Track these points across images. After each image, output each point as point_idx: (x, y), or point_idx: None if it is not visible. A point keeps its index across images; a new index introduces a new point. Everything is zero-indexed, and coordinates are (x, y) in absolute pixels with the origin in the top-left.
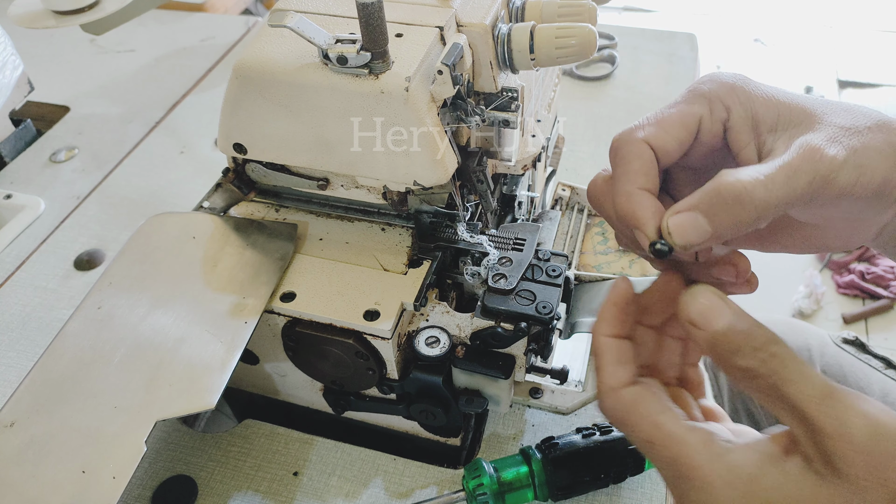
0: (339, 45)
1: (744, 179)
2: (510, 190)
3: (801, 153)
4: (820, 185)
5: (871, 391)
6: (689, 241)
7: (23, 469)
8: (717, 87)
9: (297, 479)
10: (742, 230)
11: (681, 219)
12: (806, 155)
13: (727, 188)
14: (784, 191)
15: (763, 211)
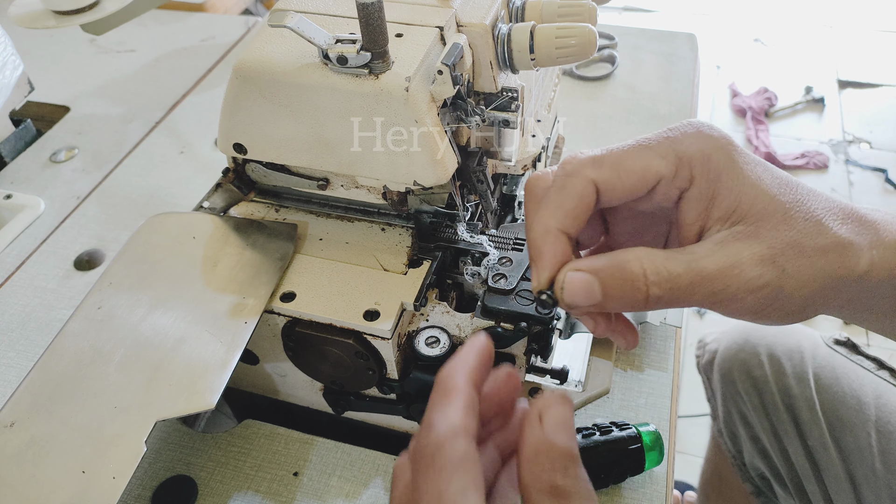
0: (339, 45)
1: (647, 270)
2: (510, 190)
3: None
4: (725, 299)
5: (864, 392)
6: (576, 303)
7: (23, 469)
8: (695, 153)
9: (297, 479)
10: (630, 311)
11: (578, 278)
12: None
13: (629, 271)
14: (681, 295)
15: (654, 305)
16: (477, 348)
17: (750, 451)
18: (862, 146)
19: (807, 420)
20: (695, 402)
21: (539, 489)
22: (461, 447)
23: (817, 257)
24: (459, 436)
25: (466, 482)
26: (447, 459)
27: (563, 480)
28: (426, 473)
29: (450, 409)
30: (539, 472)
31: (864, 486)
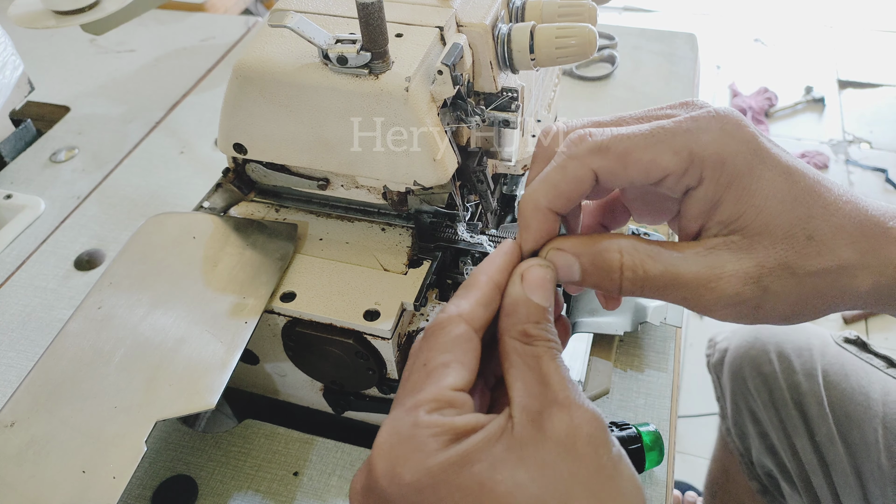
0: (339, 45)
1: (625, 264)
2: (510, 190)
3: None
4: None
5: (873, 390)
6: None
7: (23, 469)
8: (710, 154)
9: (297, 479)
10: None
11: (560, 257)
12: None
13: (608, 261)
14: (655, 293)
15: (628, 294)
16: (503, 250)
17: (758, 448)
18: (862, 146)
19: (815, 415)
20: (695, 402)
21: (512, 335)
22: (458, 329)
23: (808, 279)
24: (461, 320)
25: (451, 357)
26: (443, 336)
27: (533, 329)
28: (424, 344)
29: (462, 300)
30: (514, 321)
31: (870, 482)
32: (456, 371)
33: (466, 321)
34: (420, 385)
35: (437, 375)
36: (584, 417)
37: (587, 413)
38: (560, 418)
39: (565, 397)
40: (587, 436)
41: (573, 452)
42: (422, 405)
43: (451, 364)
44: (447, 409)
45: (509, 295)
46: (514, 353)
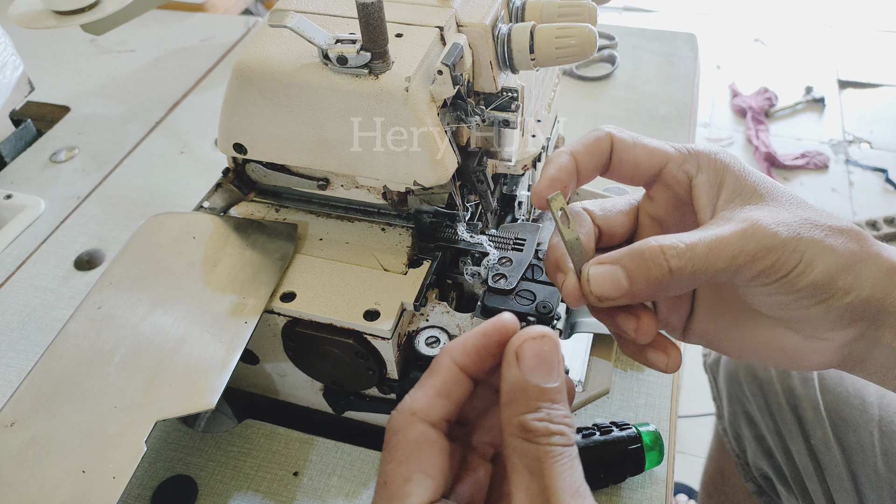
0: (339, 45)
1: (664, 245)
2: (510, 190)
3: (739, 228)
4: (745, 262)
5: (868, 392)
6: (605, 294)
7: (23, 469)
8: (702, 150)
9: (297, 479)
10: (658, 292)
11: (602, 269)
12: (742, 230)
13: (648, 251)
14: (702, 262)
15: (679, 279)
16: (483, 329)
17: (754, 451)
18: (862, 146)
19: (810, 419)
20: (695, 402)
21: (510, 431)
22: (414, 433)
23: (833, 234)
24: (415, 420)
25: (412, 469)
26: (398, 445)
27: (534, 422)
28: (384, 455)
29: (418, 392)
30: (512, 412)
31: (866, 486)
32: (419, 485)
33: (422, 419)
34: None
35: (400, 496)
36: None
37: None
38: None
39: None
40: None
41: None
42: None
43: (412, 478)
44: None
45: (505, 380)
46: (515, 454)
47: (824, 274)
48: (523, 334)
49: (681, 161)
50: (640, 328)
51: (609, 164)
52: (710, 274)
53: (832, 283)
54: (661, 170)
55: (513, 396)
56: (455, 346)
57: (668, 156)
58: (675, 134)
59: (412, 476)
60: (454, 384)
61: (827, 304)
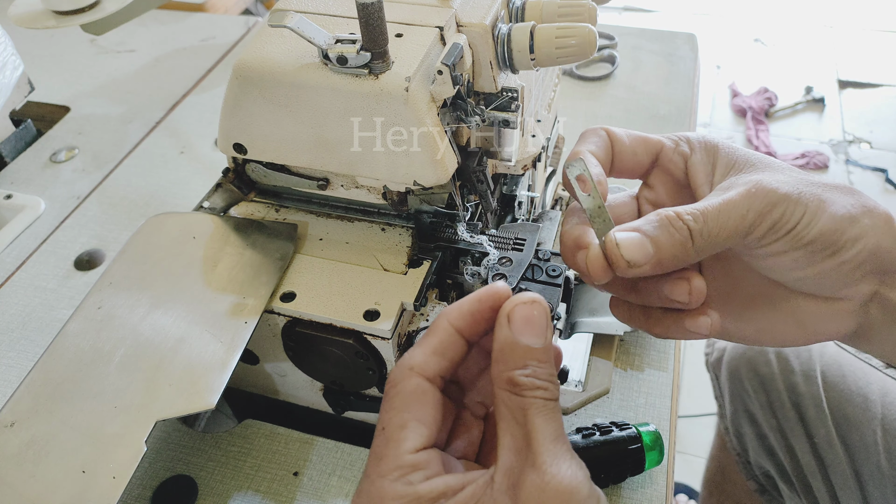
0: (339, 45)
1: (679, 210)
2: (510, 190)
3: (743, 189)
4: (755, 219)
5: (870, 390)
6: (635, 259)
7: (23, 469)
8: (689, 135)
9: (297, 479)
10: (679, 259)
11: (628, 236)
12: (746, 191)
13: (666, 216)
14: (716, 224)
15: (699, 242)
16: (478, 294)
17: (756, 450)
18: (862, 146)
19: (813, 417)
20: (695, 401)
21: (499, 385)
22: (411, 385)
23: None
24: (413, 374)
25: (407, 417)
26: (397, 395)
27: (521, 377)
28: (383, 405)
29: (416, 348)
30: (502, 368)
31: (869, 484)
32: (414, 431)
33: (419, 373)
34: (381, 452)
35: (396, 440)
36: (557, 489)
37: (561, 483)
38: (531, 487)
39: (542, 461)
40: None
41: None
42: (385, 475)
43: (408, 424)
44: (413, 474)
45: (496, 339)
46: (503, 405)
47: (830, 223)
48: (515, 299)
49: (674, 145)
50: (694, 289)
51: (612, 160)
52: (725, 236)
53: (840, 234)
54: (657, 157)
55: (503, 354)
56: (452, 309)
57: (661, 142)
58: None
59: (408, 423)
60: (450, 344)
61: (838, 257)
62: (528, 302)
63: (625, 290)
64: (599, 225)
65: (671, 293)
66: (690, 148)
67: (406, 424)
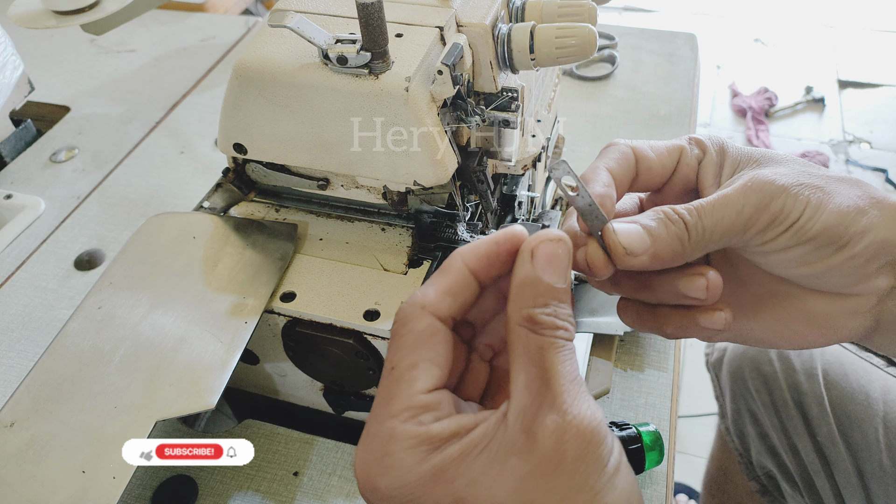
0: (339, 45)
1: (675, 207)
2: (510, 190)
3: (739, 184)
4: (752, 213)
5: (872, 388)
6: (633, 247)
7: (23, 469)
8: (703, 137)
9: (297, 479)
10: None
11: (626, 226)
12: (742, 185)
13: (661, 212)
14: (711, 218)
15: (694, 235)
16: (492, 238)
17: (758, 449)
18: (862, 146)
19: (815, 416)
20: (695, 401)
21: (517, 321)
22: (422, 324)
23: (833, 181)
24: (425, 313)
25: (418, 357)
26: (407, 334)
27: (541, 315)
28: (391, 344)
29: (429, 287)
30: (521, 305)
31: (871, 481)
32: (426, 371)
33: (431, 312)
34: (391, 392)
35: (407, 380)
36: (578, 428)
37: (582, 423)
38: (550, 427)
39: (562, 401)
40: (576, 451)
41: (559, 467)
42: (396, 415)
43: (419, 364)
44: (424, 415)
45: (516, 275)
46: (518, 343)
47: (835, 216)
48: (540, 235)
49: (689, 149)
50: (711, 284)
51: (637, 176)
52: (721, 230)
53: (847, 227)
54: (678, 163)
55: (523, 290)
56: (467, 250)
57: (682, 147)
58: (676, 134)
59: (419, 363)
60: (463, 285)
61: (847, 251)
62: (555, 239)
63: (638, 288)
64: (593, 222)
65: (687, 289)
66: (702, 150)
67: (417, 364)
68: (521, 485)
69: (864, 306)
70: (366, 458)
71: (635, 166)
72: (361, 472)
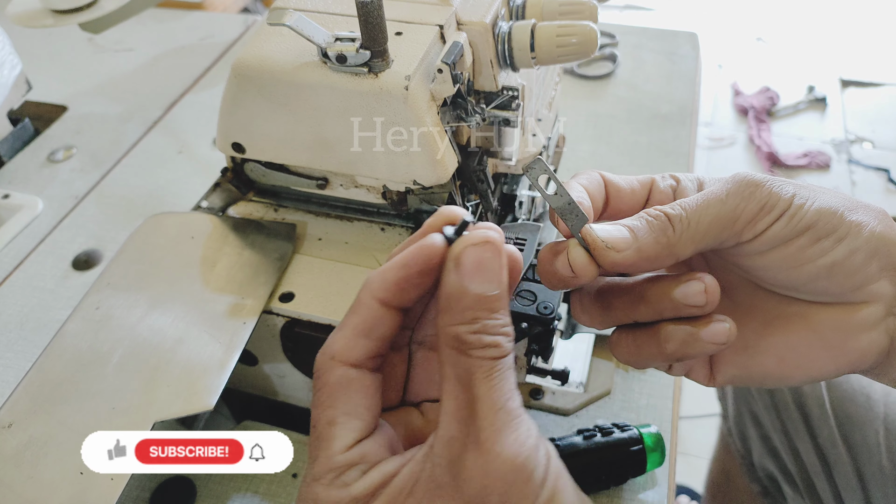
0: (339, 43)
1: (665, 209)
2: (511, 189)
3: (724, 179)
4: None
5: (873, 390)
6: (614, 242)
7: (21, 470)
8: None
9: (295, 480)
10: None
11: (609, 226)
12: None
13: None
14: (696, 214)
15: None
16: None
17: (760, 451)
18: (864, 146)
19: (817, 417)
20: (697, 403)
21: (444, 341)
22: (334, 376)
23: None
24: (334, 364)
25: (335, 412)
26: (321, 389)
27: (468, 334)
28: (312, 400)
29: (338, 334)
30: (448, 321)
31: (871, 483)
32: (344, 427)
33: (341, 362)
34: (314, 453)
35: (326, 439)
36: (501, 468)
37: (506, 462)
38: (473, 468)
39: (485, 437)
40: (501, 492)
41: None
42: (319, 479)
43: (336, 421)
44: (347, 473)
45: (442, 288)
46: (447, 364)
47: (828, 205)
48: (465, 240)
49: (662, 179)
50: (709, 287)
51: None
52: (706, 223)
53: (843, 217)
54: (650, 191)
55: (449, 304)
56: (375, 280)
57: (652, 178)
58: (677, 133)
59: (336, 419)
60: (376, 321)
61: (848, 242)
62: (480, 243)
63: (632, 303)
64: (573, 221)
65: (685, 296)
66: (676, 180)
67: (335, 421)
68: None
69: (872, 317)
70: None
71: (605, 189)
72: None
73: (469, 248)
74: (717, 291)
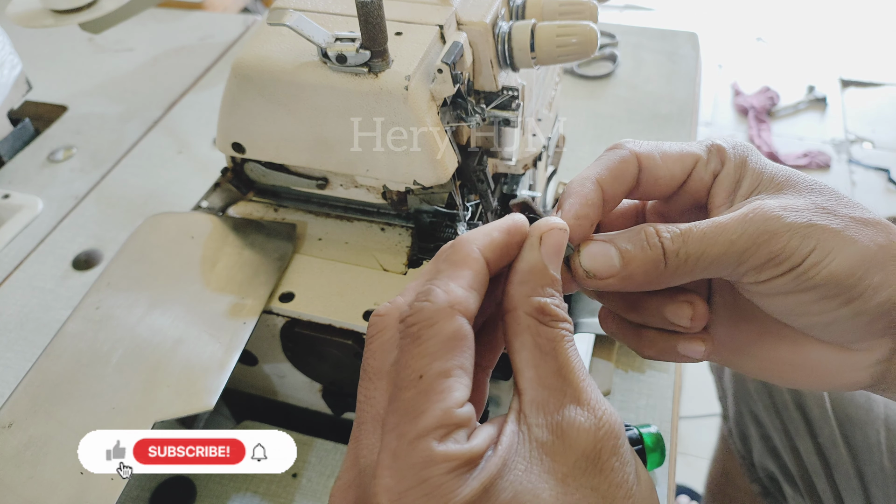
0: (339, 43)
1: (660, 228)
2: (511, 189)
3: (740, 213)
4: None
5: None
6: (595, 270)
7: (21, 470)
8: (722, 141)
9: (295, 480)
10: (653, 278)
11: (595, 245)
12: (742, 215)
13: (642, 231)
14: (696, 247)
15: (672, 261)
16: (506, 224)
17: (760, 451)
18: (864, 146)
19: (817, 418)
20: (697, 402)
21: (527, 310)
22: (453, 326)
23: (855, 224)
24: (455, 313)
25: (449, 366)
26: (436, 338)
27: (551, 306)
28: (412, 348)
29: (453, 283)
30: (530, 291)
31: (872, 484)
32: (460, 381)
33: (462, 312)
34: (419, 405)
35: (440, 391)
36: (609, 424)
37: (611, 420)
38: (585, 424)
39: (587, 398)
40: (611, 448)
41: (597, 466)
42: (429, 434)
43: (453, 373)
44: (458, 433)
45: (525, 260)
46: (528, 333)
47: (846, 266)
48: (551, 222)
49: (707, 160)
50: (697, 314)
51: (638, 185)
52: (707, 261)
53: (859, 280)
54: (691, 172)
55: (530, 276)
56: (481, 238)
57: (697, 157)
58: (677, 133)
59: (452, 371)
60: (483, 280)
61: (855, 306)
62: (563, 229)
63: (624, 306)
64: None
65: (673, 316)
66: (721, 161)
67: (450, 373)
68: (563, 487)
69: (867, 361)
70: (396, 487)
71: (636, 176)
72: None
73: (554, 230)
74: (705, 316)
